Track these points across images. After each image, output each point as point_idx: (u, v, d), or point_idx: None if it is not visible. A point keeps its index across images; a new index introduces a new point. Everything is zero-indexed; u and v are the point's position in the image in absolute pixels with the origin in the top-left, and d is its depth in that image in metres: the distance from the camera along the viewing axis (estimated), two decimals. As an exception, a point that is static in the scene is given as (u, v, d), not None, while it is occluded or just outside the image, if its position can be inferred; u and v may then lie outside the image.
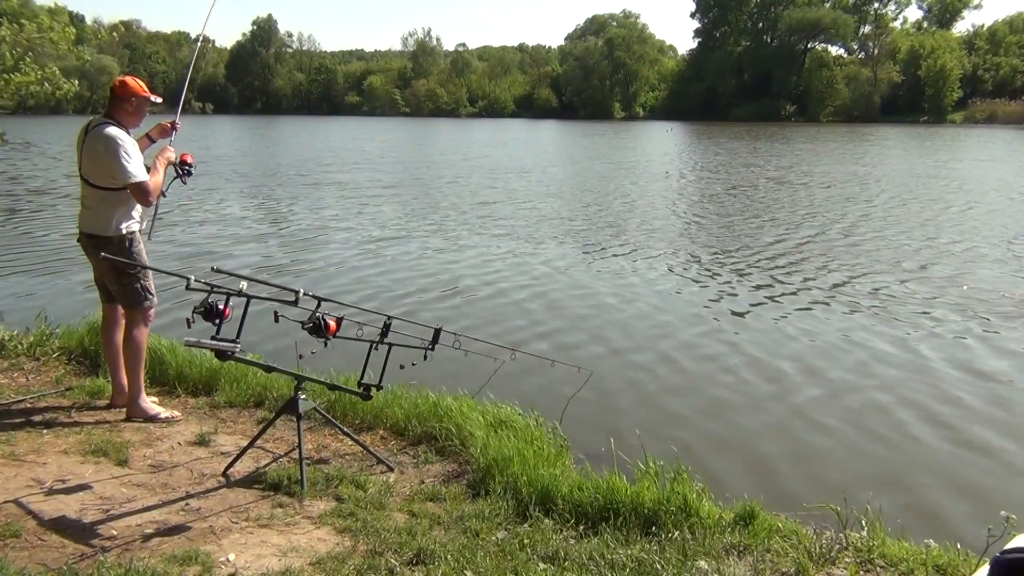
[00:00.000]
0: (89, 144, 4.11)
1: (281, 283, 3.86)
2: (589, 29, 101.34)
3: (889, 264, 10.73)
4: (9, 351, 5.31)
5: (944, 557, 3.09)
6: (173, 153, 4.40)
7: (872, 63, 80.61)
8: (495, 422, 4.25)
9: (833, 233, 13.26)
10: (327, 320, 3.55)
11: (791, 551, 3.11)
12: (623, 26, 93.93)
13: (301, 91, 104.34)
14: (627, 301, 8.67)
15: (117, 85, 4.23)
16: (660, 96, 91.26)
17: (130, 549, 3.00)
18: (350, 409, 4.47)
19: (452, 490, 3.67)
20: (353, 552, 3.04)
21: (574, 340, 7.22)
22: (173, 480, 3.65)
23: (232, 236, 12.80)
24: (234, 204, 16.86)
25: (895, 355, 6.81)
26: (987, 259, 11.08)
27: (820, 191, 19.50)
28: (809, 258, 11.18)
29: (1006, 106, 69.94)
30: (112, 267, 4.13)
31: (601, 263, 10.77)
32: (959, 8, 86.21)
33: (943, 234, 13.14)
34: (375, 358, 3.94)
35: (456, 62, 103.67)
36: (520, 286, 9.36)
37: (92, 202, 4.18)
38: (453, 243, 12.18)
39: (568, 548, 3.08)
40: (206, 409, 4.59)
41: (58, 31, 6.43)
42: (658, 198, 18.24)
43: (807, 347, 7.04)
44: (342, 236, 12.79)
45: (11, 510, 3.26)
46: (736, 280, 9.79)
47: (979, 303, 8.57)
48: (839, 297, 8.90)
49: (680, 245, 12.19)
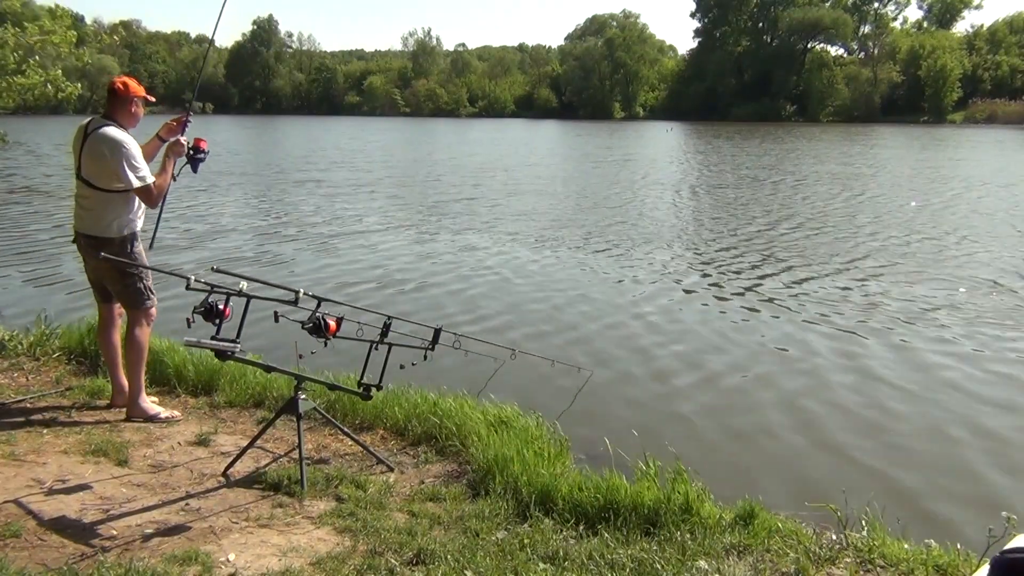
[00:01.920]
0: (91, 146, 4.08)
1: (281, 283, 3.86)
2: (589, 29, 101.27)
3: (891, 267, 10.73)
4: (9, 351, 5.31)
5: (944, 557, 3.09)
6: (184, 145, 4.38)
7: (872, 63, 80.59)
8: (495, 422, 4.25)
9: (837, 235, 13.27)
10: (327, 320, 3.55)
11: (791, 551, 3.11)
12: (623, 26, 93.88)
13: (301, 91, 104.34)
14: (627, 301, 8.67)
15: (119, 87, 4.19)
16: (660, 96, 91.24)
17: (130, 549, 2.99)
18: (350, 409, 4.47)
19: (452, 490, 3.67)
20: (353, 552, 3.04)
21: (574, 340, 7.22)
22: (173, 480, 3.65)
23: (232, 236, 12.81)
24: (234, 204, 16.86)
25: (896, 356, 6.81)
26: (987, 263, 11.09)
27: (822, 191, 19.50)
28: (810, 259, 11.18)
29: (1006, 106, 69.93)
30: (114, 268, 4.13)
31: (601, 263, 10.76)
32: (959, 8, 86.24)
33: (944, 235, 13.14)
34: (375, 358, 3.94)
35: (456, 62, 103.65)
36: (520, 286, 9.37)
37: (92, 203, 4.15)
38: (453, 243, 12.18)
39: (568, 548, 3.08)
40: (206, 409, 4.59)
41: (60, 34, 6.42)
42: (658, 199, 18.23)
43: (808, 348, 7.04)
44: (343, 236, 12.79)
45: (11, 510, 3.25)
46: (736, 280, 9.79)
47: (980, 304, 8.57)
48: (840, 298, 8.89)
49: (681, 246, 12.19)
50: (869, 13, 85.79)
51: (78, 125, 4.23)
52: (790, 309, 8.36)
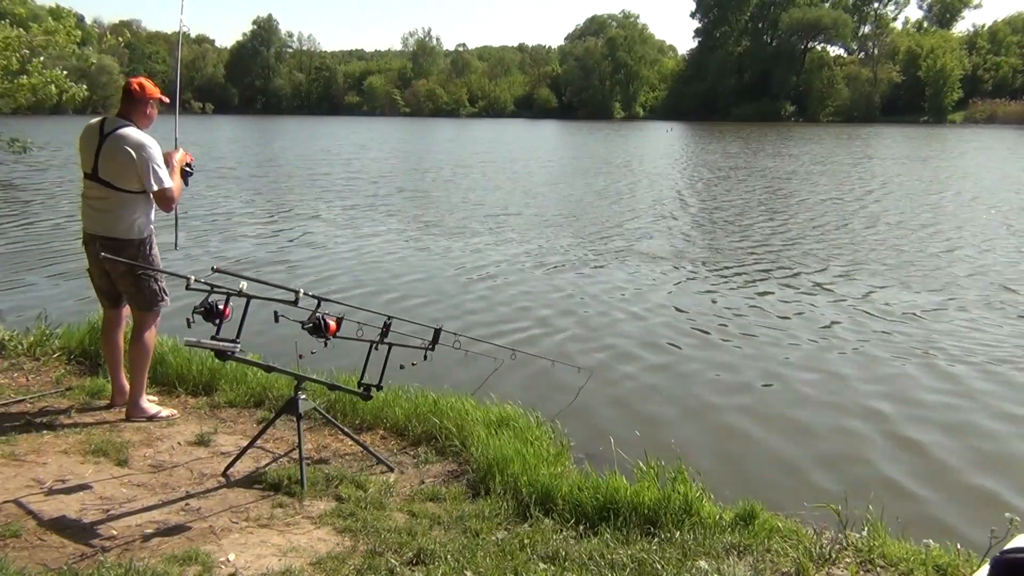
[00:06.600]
0: (111, 146, 4.01)
1: (281, 283, 3.86)
2: (589, 29, 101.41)
3: (895, 266, 10.73)
4: (9, 351, 5.31)
5: (944, 557, 3.09)
6: (186, 156, 4.38)
7: (872, 63, 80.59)
8: (495, 422, 4.25)
9: (840, 233, 13.27)
10: (327, 320, 3.55)
11: (791, 551, 3.11)
12: (623, 26, 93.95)
13: (301, 91, 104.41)
14: (628, 301, 8.67)
15: (135, 88, 4.14)
16: (660, 96, 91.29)
17: (130, 549, 2.99)
18: (350, 409, 4.47)
19: (452, 490, 3.67)
20: (353, 552, 3.04)
21: (574, 340, 7.22)
22: (173, 480, 3.65)
23: (232, 236, 12.79)
24: (234, 204, 16.83)
25: (896, 356, 6.81)
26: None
27: (822, 192, 19.51)
28: (811, 259, 11.17)
29: (1006, 106, 69.92)
30: (130, 270, 4.10)
31: (601, 264, 10.76)
32: (959, 8, 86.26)
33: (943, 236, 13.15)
34: (375, 358, 3.94)
35: (456, 62, 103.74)
36: (520, 286, 9.36)
37: (109, 205, 4.08)
38: (452, 243, 12.17)
39: (568, 548, 3.08)
40: (206, 409, 4.59)
41: (62, 34, 6.42)
42: (659, 200, 18.23)
43: (808, 348, 7.04)
44: (343, 236, 12.79)
45: (11, 510, 3.25)
46: (737, 280, 9.79)
47: (985, 296, 8.57)
48: (841, 299, 8.89)
49: (681, 245, 12.18)
50: (869, 13, 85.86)
51: (86, 125, 4.15)
52: (791, 310, 8.36)
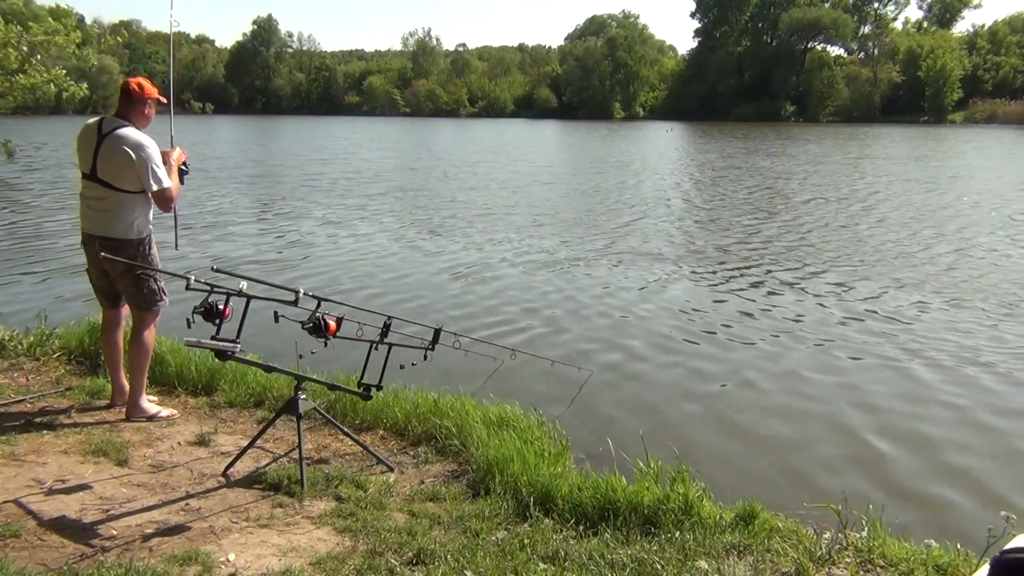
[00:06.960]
0: (110, 146, 4.01)
1: (281, 283, 3.86)
2: (589, 29, 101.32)
3: (898, 267, 10.73)
4: (9, 351, 5.31)
5: (944, 557, 3.09)
6: (182, 155, 4.38)
7: (872, 63, 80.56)
8: (495, 422, 4.25)
9: (839, 235, 13.27)
10: (327, 320, 3.55)
11: (791, 551, 3.11)
12: (623, 26, 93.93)
13: (301, 91, 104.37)
14: (628, 300, 8.67)
15: (134, 88, 4.14)
16: (660, 96, 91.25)
17: (130, 549, 2.99)
18: (350, 409, 4.47)
19: (452, 490, 3.67)
20: (353, 552, 3.04)
21: (574, 340, 7.22)
22: (173, 480, 3.65)
23: (232, 236, 12.79)
24: (234, 204, 16.84)
25: (898, 356, 6.81)
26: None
27: (822, 192, 19.51)
28: (811, 260, 11.18)
29: (1006, 106, 69.90)
30: (129, 270, 4.11)
31: (602, 263, 10.76)
32: (959, 8, 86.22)
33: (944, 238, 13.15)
34: (375, 358, 3.94)
35: (456, 62, 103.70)
36: (521, 286, 9.36)
37: (108, 205, 4.08)
38: (452, 243, 12.18)
39: (568, 548, 3.08)
40: (206, 409, 4.59)
41: (62, 34, 6.42)
42: (659, 200, 18.23)
43: (809, 348, 7.04)
44: (343, 236, 12.79)
45: (11, 510, 3.25)
46: (738, 281, 9.79)
47: (989, 297, 8.57)
48: (841, 300, 8.89)
49: (682, 245, 12.19)
50: (869, 13, 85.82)
51: (84, 125, 4.15)
52: (791, 310, 8.36)
